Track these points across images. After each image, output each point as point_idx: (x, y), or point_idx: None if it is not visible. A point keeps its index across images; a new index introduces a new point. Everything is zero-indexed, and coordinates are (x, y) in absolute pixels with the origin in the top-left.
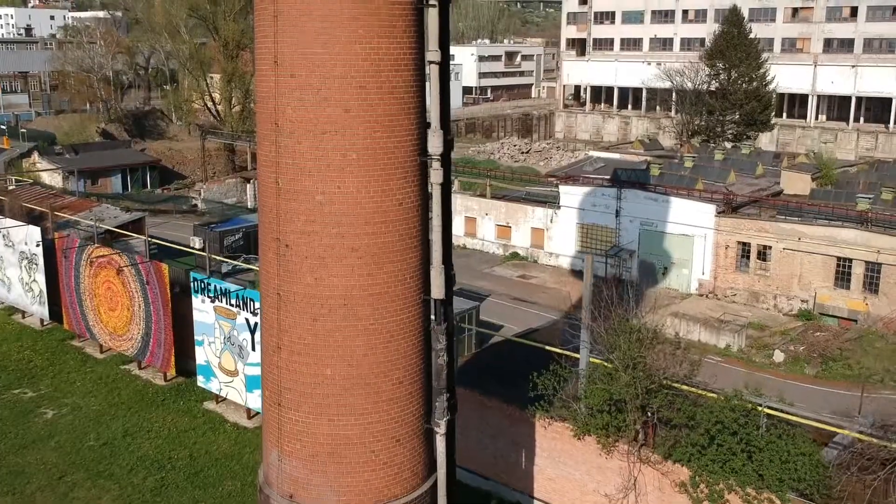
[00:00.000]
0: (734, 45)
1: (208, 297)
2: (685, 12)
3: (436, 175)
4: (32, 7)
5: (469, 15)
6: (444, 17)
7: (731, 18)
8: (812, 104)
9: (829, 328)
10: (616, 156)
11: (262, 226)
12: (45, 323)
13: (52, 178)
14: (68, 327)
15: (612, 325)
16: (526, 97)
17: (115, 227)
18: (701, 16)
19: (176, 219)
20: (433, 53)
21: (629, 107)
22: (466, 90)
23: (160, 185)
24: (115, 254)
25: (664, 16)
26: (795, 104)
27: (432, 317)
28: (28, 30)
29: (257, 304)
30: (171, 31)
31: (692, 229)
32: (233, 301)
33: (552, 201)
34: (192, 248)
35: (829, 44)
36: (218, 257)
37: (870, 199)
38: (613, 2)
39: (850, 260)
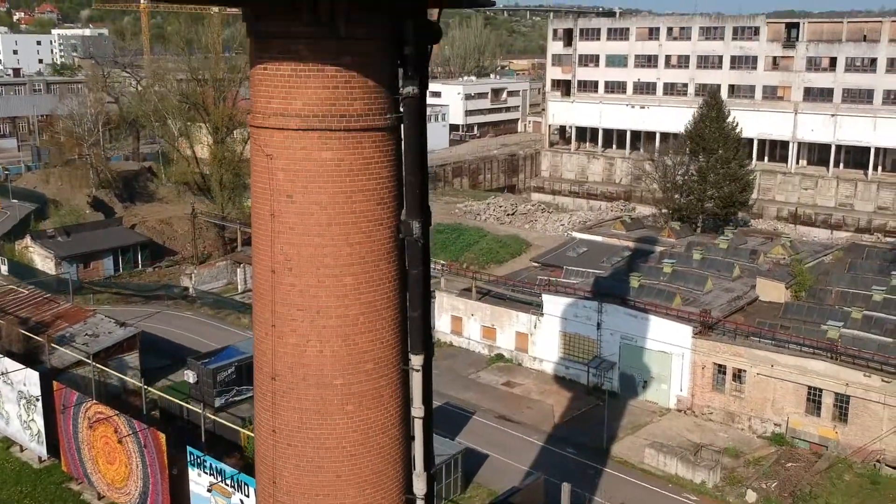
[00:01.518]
0: (713, 129)
1: (205, 472)
2: (668, 58)
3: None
4: (19, 21)
5: (455, 42)
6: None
7: (710, 102)
8: (793, 151)
9: (801, 455)
10: (599, 238)
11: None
12: (43, 460)
13: (45, 265)
14: (66, 469)
15: None
16: (512, 132)
17: (110, 345)
18: (683, 61)
19: (167, 307)
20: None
21: (614, 146)
22: (453, 127)
23: (151, 262)
24: (114, 415)
25: (647, 60)
26: (777, 146)
27: None
28: (16, 71)
29: (252, 488)
30: (160, 118)
31: (670, 347)
32: (228, 482)
33: (536, 305)
34: (187, 381)
35: (808, 92)
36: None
37: (838, 326)
38: (597, 45)
39: (821, 389)
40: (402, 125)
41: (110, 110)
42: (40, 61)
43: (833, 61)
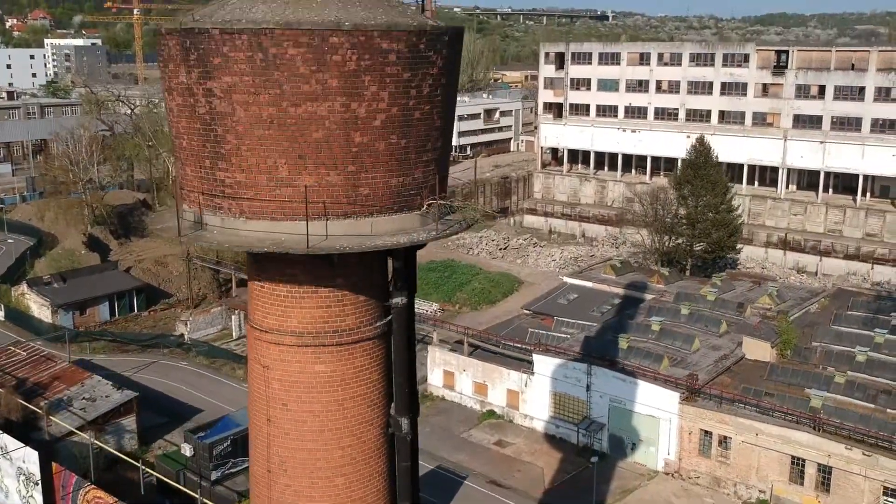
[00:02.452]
0: (701, 175)
1: None
2: (658, 83)
3: None
4: (12, 27)
5: None
6: None
7: (698, 147)
8: (782, 176)
9: None
10: (589, 284)
11: None
12: None
13: (41, 312)
14: None
15: None
16: (505, 151)
17: (107, 410)
18: (674, 87)
19: (164, 356)
20: None
21: (606, 167)
22: None
23: (147, 307)
24: (113, 502)
25: (639, 85)
26: (767, 170)
27: None
28: (11, 94)
29: None
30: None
31: (658, 411)
32: None
33: (528, 363)
34: (184, 455)
35: (798, 119)
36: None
37: (821, 396)
38: (589, 69)
39: (804, 459)
40: (391, 331)
41: (105, 137)
42: (34, 75)
43: (822, 89)
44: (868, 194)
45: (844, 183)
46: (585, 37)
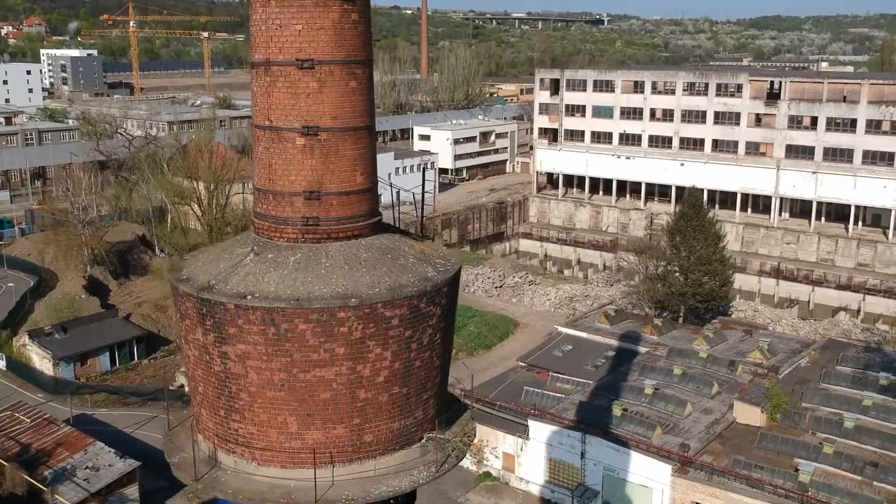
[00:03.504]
0: (693, 227)
1: None
2: (653, 111)
3: None
4: (7, 35)
5: (444, 73)
6: None
7: (691, 200)
8: (775, 205)
9: None
10: (584, 335)
11: None
12: None
13: (43, 364)
14: None
15: None
16: (501, 173)
17: (111, 481)
18: (668, 115)
19: (163, 410)
20: None
21: (601, 192)
22: (442, 171)
23: (147, 354)
24: None
25: (633, 113)
26: (760, 198)
27: None
28: (8, 119)
29: None
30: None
31: (651, 482)
32: None
33: (523, 427)
34: None
35: (790, 149)
36: None
37: (810, 470)
38: (584, 96)
39: None
40: None
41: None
42: (30, 90)
43: (814, 120)
44: (860, 223)
45: (837, 210)
46: (581, 42)
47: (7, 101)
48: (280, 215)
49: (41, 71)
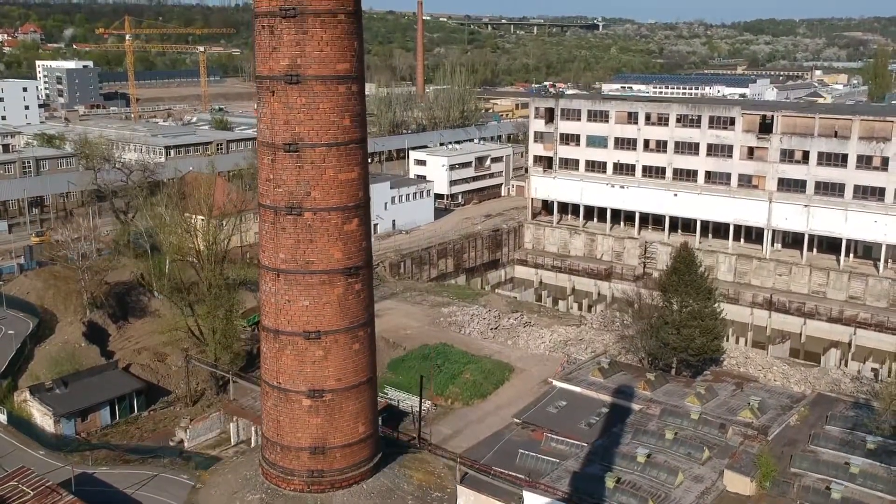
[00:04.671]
0: (685, 282)
1: None
2: (646, 142)
3: None
4: (2, 43)
5: (441, 94)
6: None
7: (682, 256)
8: (767, 237)
9: None
10: (578, 389)
11: None
12: None
13: (44, 420)
14: None
15: None
16: (496, 197)
17: None
18: (661, 146)
19: (164, 468)
20: None
21: (595, 219)
22: (438, 196)
23: (146, 406)
24: None
25: (627, 143)
26: (752, 229)
27: None
28: (6, 147)
29: None
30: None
31: None
32: None
33: (518, 497)
34: None
35: (782, 182)
36: None
37: None
38: (578, 126)
39: None
40: None
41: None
42: (26, 107)
43: (806, 154)
44: (851, 255)
45: (829, 241)
46: (576, 48)
47: (3, 118)
48: (287, 466)
49: (37, 87)
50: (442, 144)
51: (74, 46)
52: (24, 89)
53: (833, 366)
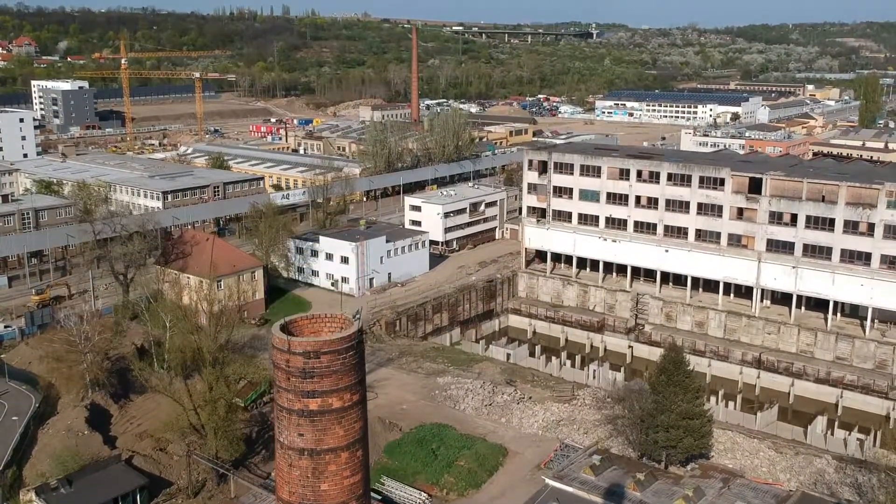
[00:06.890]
0: (674, 381)
1: None
2: (638, 198)
3: None
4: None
5: (435, 128)
6: None
7: (670, 356)
8: (756, 295)
9: None
10: (570, 489)
11: None
12: None
13: None
14: None
15: None
16: (490, 240)
17: None
18: (653, 203)
19: None
20: None
21: (588, 268)
22: (433, 242)
23: (149, 501)
24: None
25: (619, 198)
26: (742, 286)
27: None
28: (5, 198)
29: None
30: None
31: None
32: None
33: None
34: None
35: (771, 243)
36: None
37: None
38: (571, 179)
39: None
40: None
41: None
42: (23, 138)
43: (794, 217)
44: (839, 314)
45: (817, 300)
46: (570, 59)
47: (0, 149)
48: None
49: (34, 108)
50: (435, 180)
51: (69, 60)
52: (21, 119)
53: (820, 433)
